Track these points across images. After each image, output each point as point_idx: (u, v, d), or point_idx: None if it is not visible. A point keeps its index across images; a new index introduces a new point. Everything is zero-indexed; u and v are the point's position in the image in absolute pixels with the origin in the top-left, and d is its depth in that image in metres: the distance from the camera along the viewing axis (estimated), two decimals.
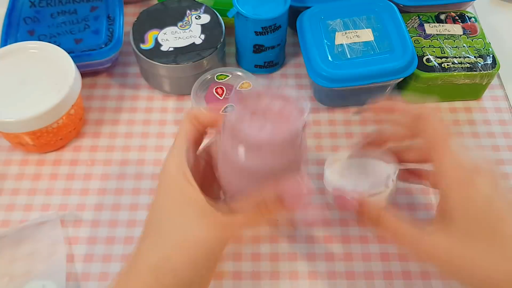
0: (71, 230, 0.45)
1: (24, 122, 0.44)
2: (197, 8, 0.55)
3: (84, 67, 0.52)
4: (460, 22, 0.56)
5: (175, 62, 0.51)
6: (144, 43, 0.52)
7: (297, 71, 0.58)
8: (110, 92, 0.55)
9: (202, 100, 0.52)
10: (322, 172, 0.42)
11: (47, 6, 0.56)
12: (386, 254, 0.44)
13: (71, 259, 0.44)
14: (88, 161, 0.50)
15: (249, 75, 0.53)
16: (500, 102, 0.56)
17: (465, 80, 0.52)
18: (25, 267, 0.43)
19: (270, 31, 0.51)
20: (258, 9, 0.50)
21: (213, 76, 0.52)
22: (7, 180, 0.49)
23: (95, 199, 0.47)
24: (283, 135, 0.33)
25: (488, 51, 0.53)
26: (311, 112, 0.34)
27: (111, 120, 0.53)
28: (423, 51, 0.52)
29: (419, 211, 0.47)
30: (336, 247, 0.45)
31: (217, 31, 0.53)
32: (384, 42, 0.51)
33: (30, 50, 0.49)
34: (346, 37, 0.51)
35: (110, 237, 0.45)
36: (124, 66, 0.58)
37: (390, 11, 0.53)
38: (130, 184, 0.48)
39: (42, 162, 0.50)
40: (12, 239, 0.44)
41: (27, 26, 0.54)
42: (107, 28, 0.54)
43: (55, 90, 0.46)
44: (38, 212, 0.47)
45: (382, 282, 0.43)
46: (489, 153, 0.51)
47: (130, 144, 0.51)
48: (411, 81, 0.52)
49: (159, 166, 0.49)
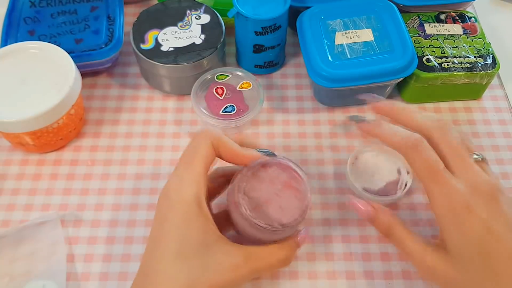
0: (71, 230, 0.46)
1: (24, 122, 0.44)
2: (197, 8, 0.55)
3: (84, 67, 0.52)
4: (460, 22, 0.56)
5: (175, 62, 0.51)
6: (144, 43, 0.52)
7: (297, 71, 0.58)
8: (110, 92, 0.56)
9: (202, 100, 0.52)
10: (323, 172, 0.42)
11: (47, 6, 0.56)
12: (386, 254, 0.44)
13: (71, 259, 0.44)
14: (88, 161, 0.50)
15: (249, 75, 0.53)
16: (500, 102, 0.56)
17: (465, 80, 0.52)
18: (26, 267, 0.43)
19: (270, 31, 0.51)
20: (258, 9, 0.51)
21: (213, 76, 0.53)
22: (7, 180, 0.49)
23: (95, 199, 0.47)
24: (293, 218, 0.37)
25: (488, 51, 0.53)
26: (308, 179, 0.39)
27: (111, 120, 0.53)
28: (423, 51, 0.52)
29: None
30: (336, 247, 0.45)
31: (217, 31, 0.53)
32: (384, 42, 0.51)
33: (30, 50, 0.49)
34: (346, 37, 0.51)
35: (110, 237, 0.45)
36: (124, 66, 0.58)
37: (390, 11, 0.53)
38: (130, 184, 0.48)
39: (42, 162, 0.50)
40: (12, 239, 0.44)
41: (27, 26, 0.54)
42: (107, 28, 0.54)
43: (55, 90, 0.46)
44: (38, 212, 0.47)
45: (382, 282, 0.43)
46: (488, 153, 0.51)
47: (130, 144, 0.51)
48: (411, 81, 0.52)
49: (159, 166, 0.50)
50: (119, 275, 0.43)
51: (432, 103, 0.55)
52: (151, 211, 0.47)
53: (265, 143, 0.52)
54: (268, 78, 0.57)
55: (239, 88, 0.52)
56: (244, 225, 0.37)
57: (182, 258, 0.34)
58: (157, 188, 0.48)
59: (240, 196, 0.36)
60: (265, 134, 0.52)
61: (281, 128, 0.53)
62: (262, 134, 0.52)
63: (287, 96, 0.55)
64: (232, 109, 0.51)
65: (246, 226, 0.37)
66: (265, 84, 0.56)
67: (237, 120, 0.50)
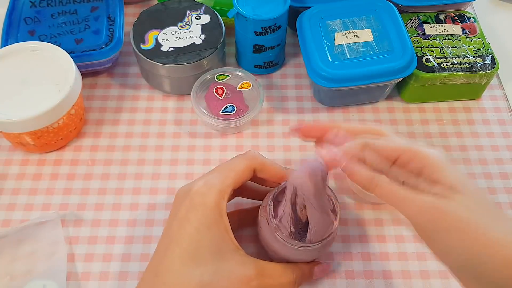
0: (71, 229, 0.46)
1: (24, 122, 0.45)
2: (197, 9, 0.55)
3: (85, 67, 0.52)
4: (459, 22, 0.56)
5: (175, 62, 0.51)
6: (145, 43, 0.52)
7: (297, 71, 0.58)
8: (111, 92, 0.56)
9: (202, 100, 0.52)
10: None
11: (47, 6, 0.56)
12: (386, 254, 0.45)
13: (72, 259, 0.44)
14: (89, 161, 0.50)
15: (249, 75, 0.53)
16: (499, 102, 0.56)
17: (464, 80, 0.52)
18: (26, 267, 0.43)
19: (270, 31, 0.51)
20: (258, 10, 0.51)
21: (213, 76, 0.53)
22: (8, 180, 0.49)
23: (95, 199, 0.48)
24: (308, 240, 0.37)
25: (487, 51, 0.53)
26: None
27: (112, 120, 0.53)
28: (423, 51, 0.53)
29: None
30: (336, 246, 0.45)
31: (217, 32, 0.53)
32: (384, 42, 0.51)
33: (31, 50, 0.49)
34: (345, 37, 0.51)
35: (110, 237, 0.45)
36: (124, 66, 0.58)
37: (390, 11, 0.53)
38: (130, 184, 0.49)
39: (42, 162, 0.50)
40: (13, 239, 0.44)
41: (28, 26, 0.54)
42: (107, 28, 0.54)
43: (55, 90, 0.46)
44: (39, 211, 0.47)
45: (382, 282, 0.43)
46: (488, 153, 0.51)
47: (130, 144, 0.51)
48: (411, 81, 0.52)
49: (159, 165, 0.50)
50: (119, 274, 0.43)
51: (431, 103, 0.55)
52: (151, 211, 0.47)
53: (265, 143, 0.52)
54: (268, 78, 0.57)
55: (239, 88, 0.52)
56: (268, 235, 0.38)
57: (197, 262, 0.33)
58: (157, 188, 0.48)
59: (270, 204, 0.37)
60: (265, 134, 0.52)
61: (281, 128, 0.53)
62: (262, 134, 0.52)
63: (287, 96, 0.56)
64: (232, 109, 0.51)
65: (270, 235, 0.38)
66: (265, 84, 0.56)
67: (237, 120, 0.50)
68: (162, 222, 0.46)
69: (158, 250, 0.36)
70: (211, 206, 0.35)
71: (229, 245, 0.35)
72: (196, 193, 0.35)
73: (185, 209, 0.35)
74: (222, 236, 0.35)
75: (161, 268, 0.34)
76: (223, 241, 0.35)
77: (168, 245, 0.35)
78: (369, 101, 0.55)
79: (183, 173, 0.49)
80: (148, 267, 0.36)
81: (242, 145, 0.51)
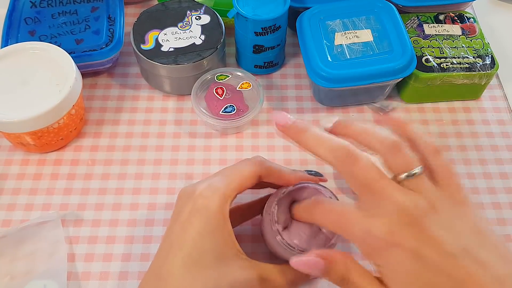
0: (71, 229, 0.46)
1: (25, 122, 0.45)
2: (197, 9, 0.55)
3: (85, 68, 0.52)
4: (459, 22, 0.56)
5: (175, 63, 0.51)
6: (145, 43, 0.52)
7: (296, 71, 0.58)
8: (111, 92, 0.56)
9: (202, 100, 0.52)
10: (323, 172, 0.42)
11: (47, 6, 0.56)
12: None
13: (72, 259, 0.44)
14: (89, 161, 0.50)
15: (249, 75, 0.53)
16: (499, 102, 0.56)
17: (464, 80, 0.52)
18: (26, 267, 0.43)
19: (270, 31, 0.51)
20: (258, 10, 0.51)
21: (213, 76, 0.53)
22: (8, 180, 0.49)
23: (95, 199, 0.48)
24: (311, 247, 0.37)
25: (487, 52, 0.53)
26: None
27: (112, 120, 0.53)
28: (422, 52, 0.53)
29: None
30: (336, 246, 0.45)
31: (217, 32, 0.53)
32: (383, 42, 0.51)
33: (31, 50, 0.49)
34: (345, 38, 0.51)
35: (110, 237, 0.45)
36: (124, 66, 0.58)
37: (389, 12, 0.53)
38: (130, 184, 0.49)
39: (43, 162, 0.50)
40: (13, 239, 0.44)
41: (28, 26, 0.54)
42: (107, 28, 0.54)
43: (56, 90, 0.46)
44: (39, 211, 0.47)
45: None
46: (487, 153, 0.51)
47: (131, 144, 0.52)
48: (410, 81, 0.52)
49: (159, 165, 0.50)
50: (120, 274, 0.43)
51: (431, 103, 0.55)
52: (151, 211, 0.47)
53: (265, 143, 0.52)
54: (268, 78, 0.57)
55: (239, 88, 0.52)
56: (270, 236, 0.38)
57: (200, 267, 0.33)
58: (157, 188, 0.48)
59: (274, 207, 0.38)
60: (265, 134, 0.52)
61: None
62: (262, 134, 0.52)
63: (287, 96, 0.56)
64: (232, 109, 0.51)
65: (271, 237, 0.38)
66: (265, 84, 0.57)
67: (237, 120, 0.50)
68: (162, 222, 0.46)
69: (160, 252, 0.35)
70: (214, 210, 0.34)
71: (232, 249, 0.35)
72: (199, 196, 0.35)
73: (188, 212, 0.35)
74: (225, 241, 0.34)
75: (164, 271, 0.34)
76: (226, 246, 0.34)
77: (170, 249, 0.34)
78: (369, 101, 0.55)
79: (183, 173, 0.49)
80: (150, 269, 0.36)
81: (242, 145, 0.52)
